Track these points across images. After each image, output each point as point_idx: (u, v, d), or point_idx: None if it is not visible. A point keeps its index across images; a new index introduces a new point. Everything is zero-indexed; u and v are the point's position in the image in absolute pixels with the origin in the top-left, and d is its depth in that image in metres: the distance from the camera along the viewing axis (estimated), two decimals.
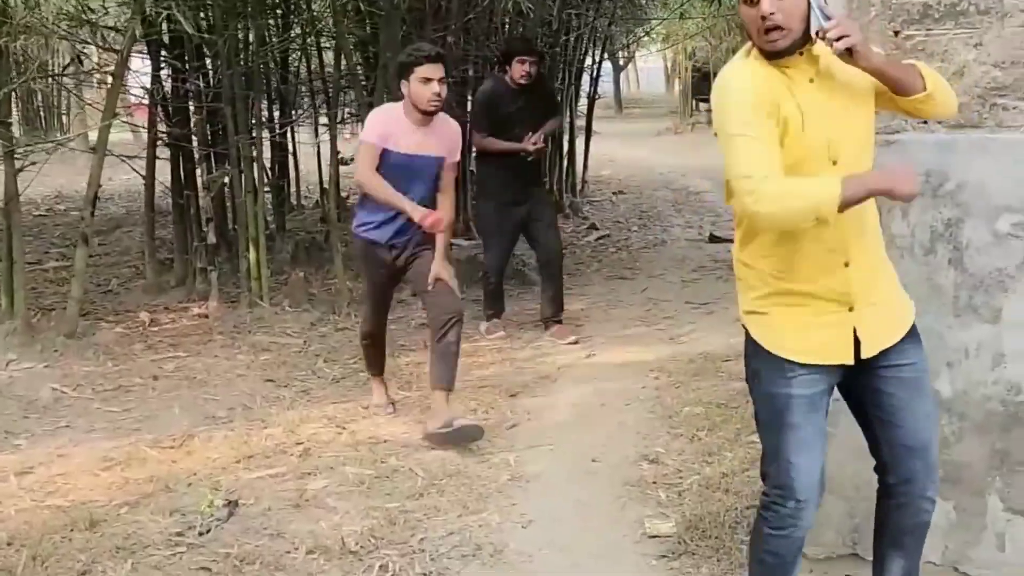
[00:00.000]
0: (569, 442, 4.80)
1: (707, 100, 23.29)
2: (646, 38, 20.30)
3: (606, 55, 14.05)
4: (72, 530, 3.89)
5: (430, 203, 4.79)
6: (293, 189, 10.54)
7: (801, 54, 2.52)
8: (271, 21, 7.76)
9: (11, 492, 4.31)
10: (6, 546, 3.76)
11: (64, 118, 18.95)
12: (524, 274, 8.34)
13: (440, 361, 4.75)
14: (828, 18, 2.44)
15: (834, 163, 2.54)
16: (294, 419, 5.16)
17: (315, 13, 7.57)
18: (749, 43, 2.59)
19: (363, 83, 7.35)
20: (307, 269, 8.16)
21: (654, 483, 4.28)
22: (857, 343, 2.64)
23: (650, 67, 38.36)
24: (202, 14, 6.40)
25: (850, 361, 2.64)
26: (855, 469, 3.24)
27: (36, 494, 4.30)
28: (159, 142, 7.89)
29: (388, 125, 4.71)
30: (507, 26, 8.47)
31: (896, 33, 3.06)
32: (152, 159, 7.87)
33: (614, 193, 13.92)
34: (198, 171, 7.86)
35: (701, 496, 4.07)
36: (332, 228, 7.79)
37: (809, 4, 2.47)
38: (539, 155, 6.77)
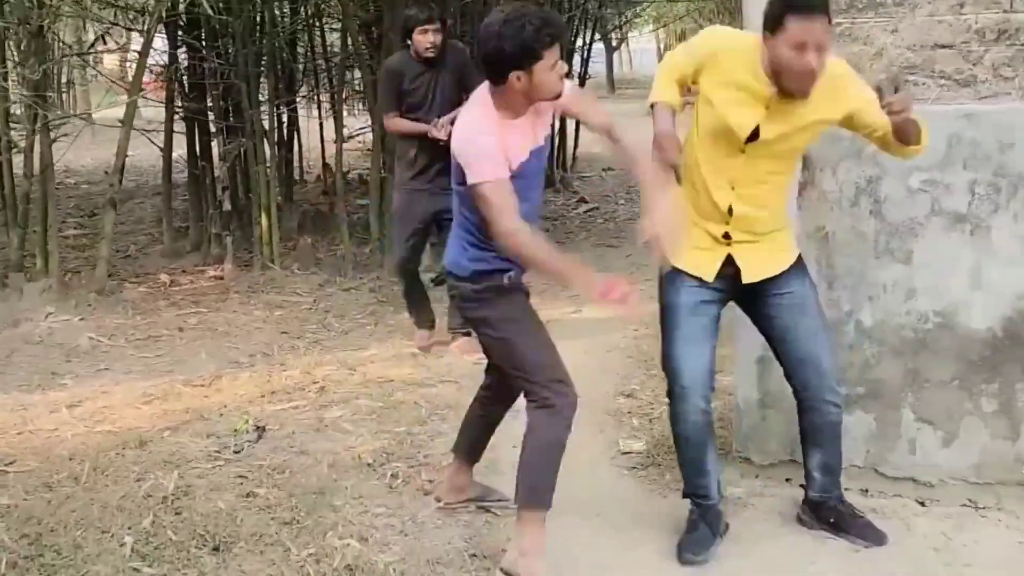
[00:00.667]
0: None
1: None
2: (637, 19, 20.89)
3: (597, 36, 14.54)
4: (124, 448, 4.50)
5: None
6: (297, 163, 11.15)
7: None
8: (283, 3, 8.31)
9: (65, 420, 4.91)
10: (68, 460, 4.37)
11: (64, 95, 19.40)
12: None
13: (484, 435, 4.00)
14: (897, 90, 2.98)
15: (742, 151, 3.27)
16: (310, 363, 5.76)
17: None
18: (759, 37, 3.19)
19: (368, 63, 7.91)
20: (314, 236, 8.77)
21: (628, 413, 4.90)
22: (738, 271, 3.36)
23: (643, 48, 38.87)
24: None
25: (710, 279, 3.36)
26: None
27: (87, 422, 4.90)
28: (176, 116, 8.47)
29: (499, 141, 3.19)
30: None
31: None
32: (170, 132, 8.45)
33: (603, 169, 14.47)
34: (213, 144, 8.42)
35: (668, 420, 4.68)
36: (338, 200, 8.37)
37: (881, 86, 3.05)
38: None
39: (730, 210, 3.31)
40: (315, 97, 9.86)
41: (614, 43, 23.74)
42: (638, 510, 3.92)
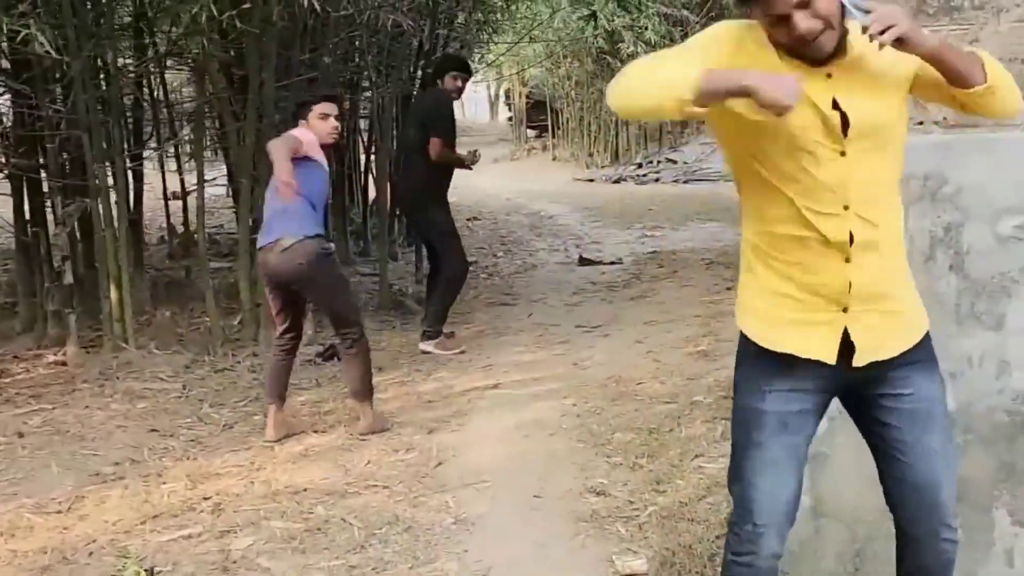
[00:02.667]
0: (504, 478, 4.50)
1: (537, 127, 23.55)
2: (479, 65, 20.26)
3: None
4: None
5: None
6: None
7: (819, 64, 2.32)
8: (128, 42, 7.18)
9: None
10: None
11: None
12: (404, 304, 8.06)
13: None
14: (866, 12, 2.25)
15: (842, 154, 2.34)
16: (194, 471, 4.68)
17: (172, 33, 7.05)
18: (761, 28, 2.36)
19: (231, 107, 6.86)
20: (171, 308, 7.62)
21: (608, 517, 4.02)
22: (851, 350, 2.43)
23: (475, 95, 38.48)
24: (55, 33, 5.79)
25: (832, 361, 2.42)
26: (855, 491, 3.09)
27: None
28: None
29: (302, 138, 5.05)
30: (379, 47, 8.14)
31: None
32: None
33: (468, 219, 13.70)
34: (47, 205, 7.18)
35: (664, 528, 3.84)
36: (201, 265, 7.25)
37: (842, 4, 2.27)
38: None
39: (851, 239, 2.35)
40: (165, 148, 8.68)
41: None
42: None
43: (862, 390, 2.47)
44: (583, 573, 3.61)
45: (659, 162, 18.36)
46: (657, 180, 17.49)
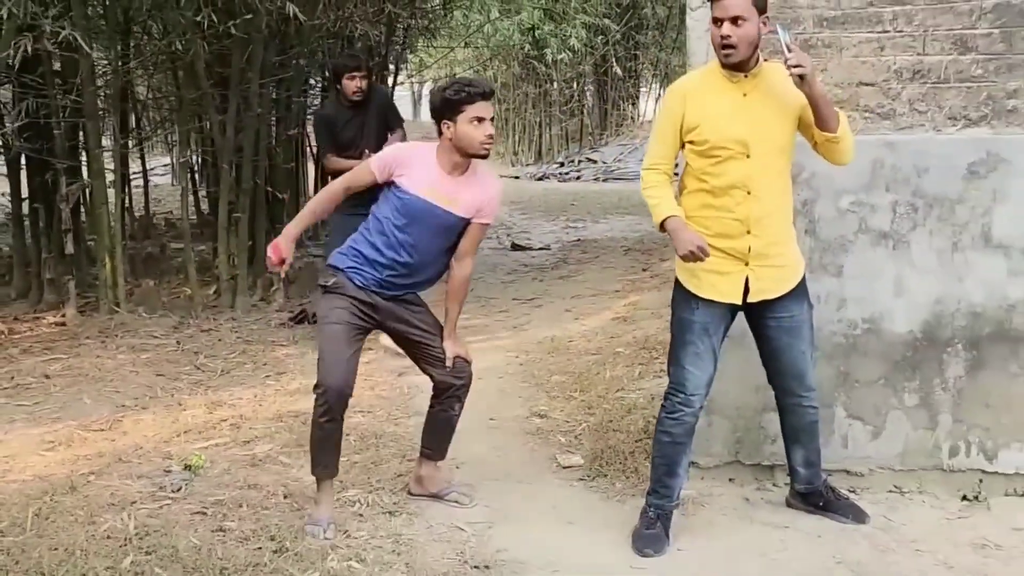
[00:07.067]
0: (465, 407, 5.56)
1: None
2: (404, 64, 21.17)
3: (400, 80, 14.79)
4: (54, 495, 4.28)
5: (442, 266, 4.08)
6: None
7: (746, 76, 3.52)
8: (130, 41, 8.09)
9: None
10: None
11: None
12: None
13: (439, 432, 4.34)
14: (791, 51, 3.43)
15: (747, 156, 3.54)
16: (208, 401, 5.66)
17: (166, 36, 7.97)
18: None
19: (216, 104, 7.82)
20: (151, 279, 8.54)
21: (551, 432, 5.13)
22: (747, 290, 3.65)
23: (399, 96, 39.37)
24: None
25: (738, 302, 3.68)
26: (736, 394, 4.24)
27: None
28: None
29: (407, 159, 3.97)
30: (346, 49, 9.13)
31: (764, 60, 4.07)
32: None
33: None
34: (50, 184, 8.05)
35: (595, 437, 4.95)
36: (185, 242, 8.19)
37: (783, 40, 3.48)
38: None
39: (751, 216, 3.61)
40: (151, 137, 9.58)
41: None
42: (606, 515, 4.14)
43: (757, 312, 3.76)
44: (533, 466, 4.71)
45: (580, 161, 19.49)
46: (578, 178, 18.62)
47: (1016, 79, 3.99)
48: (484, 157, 3.95)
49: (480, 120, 3.83)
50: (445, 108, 3.86)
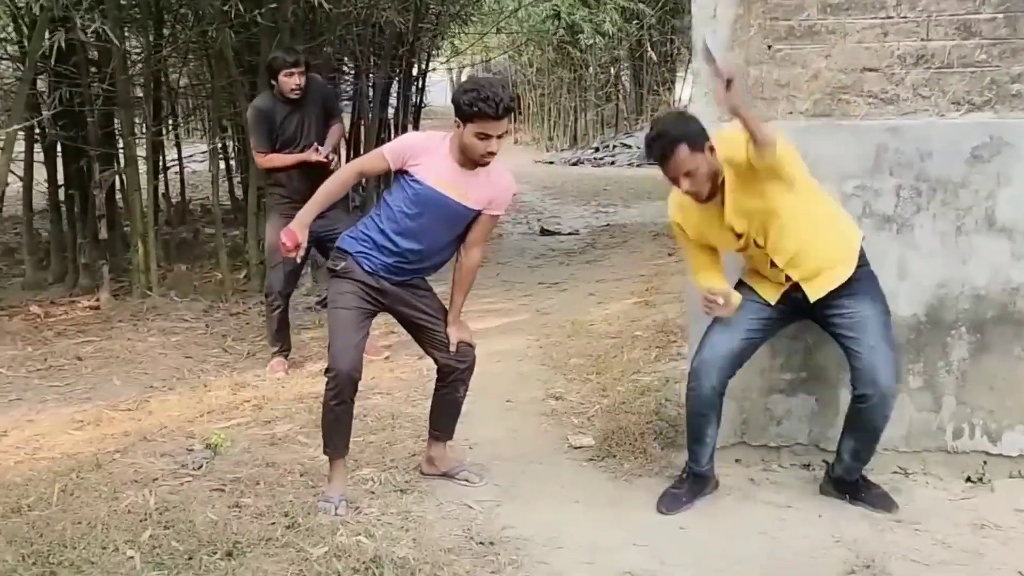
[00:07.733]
0: (483, 389, 5.57)
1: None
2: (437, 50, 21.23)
3: (433, 67, 14.91)
4: (80, 472, 4.45)
5: (450, 253, 4.24)
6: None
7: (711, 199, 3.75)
8: (164, 31, 8.26)
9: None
10: (27, 485, 4.30)
11: None
12: None
13: (445, 413, 4.43)
14: (714, 60, 3.47)
15: (755, 244, 3.80)
16: (232, 383, 5.81)
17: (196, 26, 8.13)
18: None
19: (245, 91, 7.96)
20: (184, 264, 8.71)
21: (565, 413, 5.22)
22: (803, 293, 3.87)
23: (435, 81, 39.48)
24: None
25: (772, 302, 3.92)
26: (743, 377, 4.26)
27: (24, 450, 4.82)
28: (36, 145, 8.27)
29: (421, 149, 4.03)
30: (376, 36, 9.24)
31: (769, 47, 4.12)
32: (30, 162, 8.24)
33: None
34: (85, 170, 8.24)
35: (607, 418, 5.03)
36: (216, 227, 8.36)
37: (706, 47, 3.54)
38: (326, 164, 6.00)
39: (780, 270, 3.86)
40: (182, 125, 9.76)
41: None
42: (612, 495, 4.23)
43: (819, 313, 3.92)
44: (546, 447, 4.81)
45: (615, 146, 19.52)
46: (613, 163, 18.66)
47: (1020, 64, 4.01)
48: (484, 165, 3.98)
49: (485, 136, 3.84)
50: (459, 110, 3.89)
